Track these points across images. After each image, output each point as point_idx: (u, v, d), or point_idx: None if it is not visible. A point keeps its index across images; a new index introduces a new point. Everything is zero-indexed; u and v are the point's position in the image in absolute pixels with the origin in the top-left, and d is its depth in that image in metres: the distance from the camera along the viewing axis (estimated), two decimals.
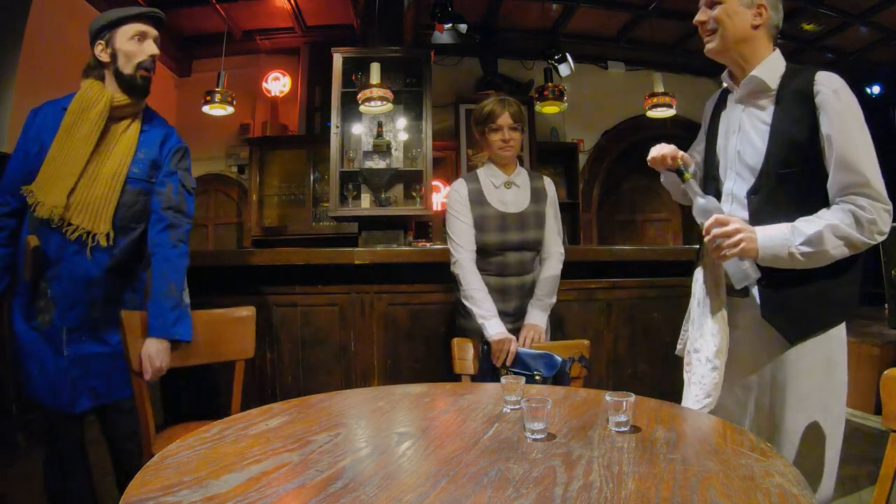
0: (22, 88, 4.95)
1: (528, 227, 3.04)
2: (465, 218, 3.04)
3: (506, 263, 3.03)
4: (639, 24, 7.99)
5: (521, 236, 3.03)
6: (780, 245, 1.87)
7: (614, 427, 1.55)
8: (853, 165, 1.84)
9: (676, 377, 4.26)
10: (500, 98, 3.07)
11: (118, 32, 2.50)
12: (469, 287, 2.93)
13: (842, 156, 1.85)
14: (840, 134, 1.85)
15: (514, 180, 3.12)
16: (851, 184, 1.85)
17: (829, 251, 1.84)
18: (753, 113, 2.07)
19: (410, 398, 2.01)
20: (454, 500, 1.13)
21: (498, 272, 3.04)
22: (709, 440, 1.46)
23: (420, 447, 1.46)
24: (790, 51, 8.16)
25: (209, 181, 8.58)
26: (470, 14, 7.47)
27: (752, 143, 2.04)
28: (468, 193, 3.08)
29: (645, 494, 1.14)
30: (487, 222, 3.03)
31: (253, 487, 1.20)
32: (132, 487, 1.20)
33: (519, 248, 3.04)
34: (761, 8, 2.02)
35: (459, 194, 3.08)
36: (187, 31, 7.94)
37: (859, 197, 1.85)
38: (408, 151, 6.62)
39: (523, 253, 3.05)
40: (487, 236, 3.01)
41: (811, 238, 1.83)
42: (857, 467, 3.80)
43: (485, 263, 3.04)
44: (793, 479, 1.19)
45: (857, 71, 8.90)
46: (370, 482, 1.22)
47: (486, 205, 3.05)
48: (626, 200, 9.97)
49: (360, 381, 3.89)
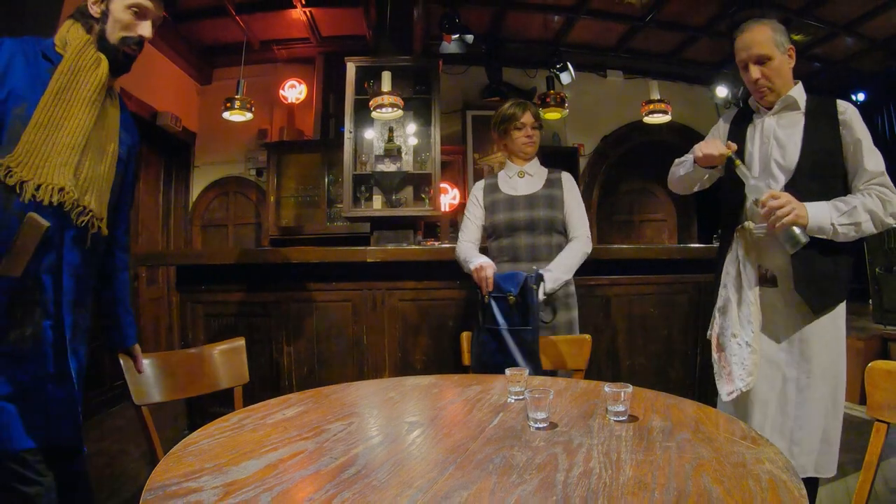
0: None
1: (536, 206, 3.05)
2: (475, 217, 3.14)
3: (517, 247, 3.04)
4: (636, 34, 7.97)
5: (530, 214, 3.03)
6: (824, 217, 2.19)
7: (613, 416, 1.55)
8: (875, 165, 2.25)
9: (672, 369, 4.28)
10: (520, 101, 3.16)
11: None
12: (460, 253, 3.09)
13: (866, 157, 2.26)
14: (865, 141, 2.27)
15: (527, 170, 3.18)
16: (874, 177, 2.25)
17: (862, 224, 2.20)
18: (786, 126, 2.39)
19: (420, 389, 2.01)
20: (461, 485, 1.13)
21: (511, 257, 3.05)
22: (702, 429, 1.45)
23: (429, 435, 1.47)
24: None
25: (229, 184, 8.59)
26: (476, 25, 7.47)
27: (787, 149, 2.36)
28: (484, 188, 3.19)
29: (642, 480, 1.14)
30: (497, 205, 3.10)
31: (271, 474, 1.20)
32: (156, 473, 1.21)
33: (528, 227, 3.03)
34: (791, 50, 2.39)
35: (475, 193, 3.20)
36: (208, 41, 7.94)
37: (880, 186, 2.24)
38: (417, 155, 6.63)
39: (534, 236, 3.03)
40: (497, 216, 3.08)
41: (848, 211, 2.20)
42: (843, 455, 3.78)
43: (498, 251, 3.09)
44: (782, 466, 1.19)
45: (843, 79, 8.87)
46: (381, 468, 1.23)
47: (498, 192, 3.15)
48: (624, 202, 9.95)
49: (372, 373, 3.90)
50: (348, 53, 6.57)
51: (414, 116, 6.65)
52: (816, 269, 2.27)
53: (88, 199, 1.89)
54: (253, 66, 7.96)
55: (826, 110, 2.32)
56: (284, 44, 8.27)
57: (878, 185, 2.23)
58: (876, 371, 1.62)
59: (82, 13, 2.00)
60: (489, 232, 3.13)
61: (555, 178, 3.18)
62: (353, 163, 6.47)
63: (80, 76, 1.90)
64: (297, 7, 7.09)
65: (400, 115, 6.10)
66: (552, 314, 2.97)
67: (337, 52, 7.91)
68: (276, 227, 8.11)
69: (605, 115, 8.98)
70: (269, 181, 8.12)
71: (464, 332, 2.78)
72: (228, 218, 8.64)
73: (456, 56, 7.33)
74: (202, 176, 8.51)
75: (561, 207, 3.08)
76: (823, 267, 2.27)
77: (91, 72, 1.93)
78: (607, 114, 8.98)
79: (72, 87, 1.88)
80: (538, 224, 3.03)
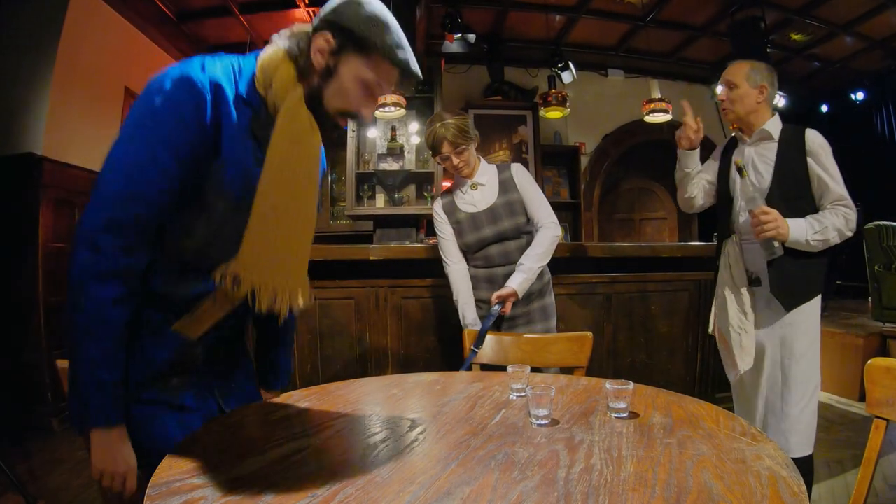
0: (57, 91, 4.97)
1: (500, 218, 3.04)
2: (447, 234, 3.13)
3: (489, 255, 3.06)
4: (637, 34, 7.96)
5: (496, 229, 3.03)
6: (801, 233, 2.59)
7: (614, 413, 1.55)
8: (837, 189, 2.63)
9: (673, 366, 4.28)
10: (438, 126, 2.95)
11: (362, 60, 1.52)
12: (453, 286, 3.11)
13: (831, 183, 2.63)
14: (828, 169, 2.65)
15: (478, 181, 3.11)
16: (837, 199, 2.63)
17: (830, 239, 2.59)
18: (762, 154, 2.79)
19: (422, 386, 2.01)
20: (463, 481, 1.13)
21: (485, 264, 3.09)
22: (702, 425, 1.45)
23: (431, 432, 1.46)
24: (779, 60, 8.12)
25: None
26: (478, 25, 7.47)
27: (762, 174, 2.76)
28: (443, 207, 3.15)
29: (643, 476, 1.13)
30: (462, 226, 3.08)
31: (274, 470, 1.21)
32: (160, 470, 1.21)
33: (497, 240, 3.04)
34: (763, 88, 2.77)
35: (437, 213, 3.17)
36: (212, 40, 7.92)
37: (843, 206, 2.62)
38: (420, 154, 6.64)
39: (504, 244, 3.05)
40: (465, 238, 3.08)
41: (821, 230, 2.59)
42: (843, 451, 3.79)
43: (472, 259, 3.12)
44: (782, 462, 1.19)
45: (842, 78, 8.87)
46: (384, 465, 1.22)
47: (458, 211, 3.10)
48: (624, 200, 9.97)
49: (375, 370, 3.90)
50: None
51: (416, 115, 6.67)
52: (787, 273, 2.70)
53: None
54: None
55: (796, 140, 2.72)
56: None
57: (843, 206, 2.62)
58: (875, 368, 1.62)
59: (300, 49, 1.54)
60: (462, 249, 3.13)
61: (506, 179, 3.10)
62: (356, 161, 6.49)
63: (300, 146, 1.54)
64: (300, 7, 7.08)
65: (402, 114, 6.11)
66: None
67: None
68: None
69: (606, 114, 8.97)
70: None
71: (466, 330, 2.78)
72: None
73: (458, 55, 7.34)
74: None
75: (521, 208, 3.07)
76: (794, 271, 2.69)
77: (310, 139, 1.56)
78: (608, 113, 8.98)
79: (292, 161, 1.52)
80: (506, 234, 3.04)
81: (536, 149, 7.93)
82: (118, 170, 1.36)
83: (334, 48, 1.50)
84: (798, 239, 2.60)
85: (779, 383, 2.74)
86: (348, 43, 1.50)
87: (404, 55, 1.54)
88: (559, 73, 7.55)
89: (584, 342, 2.50)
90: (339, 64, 1.51)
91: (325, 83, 1.53)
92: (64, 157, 5.03)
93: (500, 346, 2.67)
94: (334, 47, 1.50)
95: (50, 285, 4.80)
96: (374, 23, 1.50)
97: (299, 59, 1.53)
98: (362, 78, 1.53)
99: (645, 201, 9.91)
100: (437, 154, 3.01)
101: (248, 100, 1.49)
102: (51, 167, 4.87)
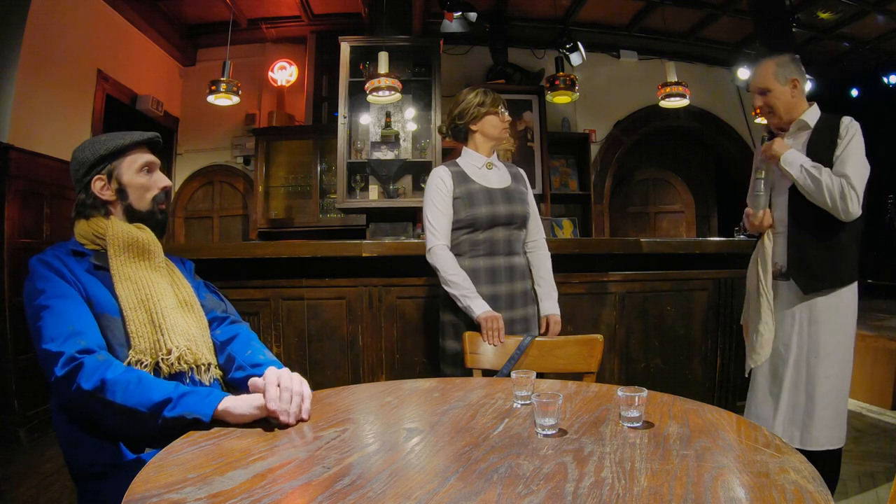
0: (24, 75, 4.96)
1: (514, 201, 3.09)
2: (444, 207, 3.06)
3: (495, 240, 3.05)
4: (651, 12, 7.95)
5: (510, 209, 3.06)
6: (797, 157, 2.87)
7: (626, 423, 1.55)
8: (846, 169, 2.77)
9: (691, 372, 4.28)
10: (484, 89, 3.23)
11: (123, 164, 2.08)
12: (447, 273, 2.98)
13: (849, 165, 2.78)
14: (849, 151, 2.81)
15: (493, 162, 3.21)
16: (848, 178, 2.75)
17: (822, 184, 2.76)
18: (796, 143, 2.98)
19: (419, 393, 2.01)
20: (463, 496, 1.12)
21: (488, 251, 3.05)
22: (723, 436, 1.45)
23: (429, 443, 1.46)
24: (806, 39, 8.11)
25: (214, 172, 8.60)
26: (479, 2, 7.45)
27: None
28: (452, 177, 3.10)
29: (657, 491, 1.13)
30: (476, 196, 3.05)
31: (258, 484, 1.20)
32: (136, 484, 1.21)
33: (507, 222, 3.06)
34: (795, 81, 2.97)
35: (443, 181, 3.09)
36: (192, 19, 7.94)
37: (846, 182, 2.74)
38: (416, 142, 6.63)
39: (511, 231, 3.08)
40: (478, 209, 3.02)
41: (817, 167, 2.79)
42: (874, 463, 3.79)
43: (474, 243, 3.06)
44: (808, 476, 1.19)
45: (875, 60, 8.84)
46: (378, 479, 1.22)
47: (471, 182, 3.10)
48: (638, 192, 9.95)
49: (368, 376, 3.90)
50: (342, 32, 6.58)
51: (413, 100, 6.65)
52: (806, 255, 2.92)
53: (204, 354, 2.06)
54: (240, 46, 7.96)
55: (831, 125, 2.92)
56: (274, 22, 8.26)
57: (846, 182, 2.75)
58: None
59: (89, 206, 2.06)
60: (463, 224, 3.06)
61: (515, 173, 3.26)
62: (348, 150, 6.48)
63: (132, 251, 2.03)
64: None
65: (398, 98, 6.10)
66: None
67: (330, 31, 7.91)
68: (265, 219, 8.13)
69: (619, 98, 8.96)
70: (258, 170, 8.13)
71: (466, 332, 2.77)
72: (213, 209, 8.65)
73: (458, 35, 7.34)
74: (185, 164, 8.52)
75: (527, 204, 3.18)
76: (815, 254, 2.90)
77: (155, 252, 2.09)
78: (620, 97, 8.97)
79: (134, 263, 2.03)
80: (516, 219, 3.08)
81: (543, 136, 7.92)
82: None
83: (105, 178, 2.05)
84: (792, 160, 2.87)
85: (803, 380, 2.92)
86: (104, 164, 2.05)
87: (130, 135, 2.11)
88: (567, 55, 7.54)
89: (594, 345, 2.50)
90: (119, 180, 2.07)
91: (128, 198, 2.08)
92: (32, 146, 5.03)
93: (503, 349, 2.67)
94: (104, 178, 2.05)
95: (16, 284, 4.78)
96: (96, 144, 2.07)
97: (94, 209, 2.05)
98: (137, 168, 2.09)
99: (660, 193, 9.89)
100: (493, 106, 3.14)
101: (80, 251, 2.01)
102: (17, 157, 4.87)
